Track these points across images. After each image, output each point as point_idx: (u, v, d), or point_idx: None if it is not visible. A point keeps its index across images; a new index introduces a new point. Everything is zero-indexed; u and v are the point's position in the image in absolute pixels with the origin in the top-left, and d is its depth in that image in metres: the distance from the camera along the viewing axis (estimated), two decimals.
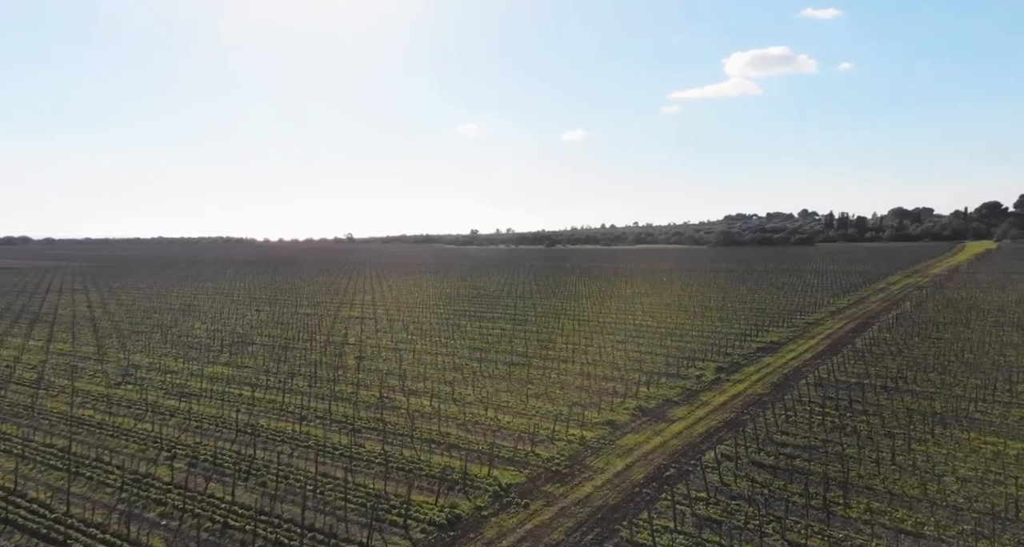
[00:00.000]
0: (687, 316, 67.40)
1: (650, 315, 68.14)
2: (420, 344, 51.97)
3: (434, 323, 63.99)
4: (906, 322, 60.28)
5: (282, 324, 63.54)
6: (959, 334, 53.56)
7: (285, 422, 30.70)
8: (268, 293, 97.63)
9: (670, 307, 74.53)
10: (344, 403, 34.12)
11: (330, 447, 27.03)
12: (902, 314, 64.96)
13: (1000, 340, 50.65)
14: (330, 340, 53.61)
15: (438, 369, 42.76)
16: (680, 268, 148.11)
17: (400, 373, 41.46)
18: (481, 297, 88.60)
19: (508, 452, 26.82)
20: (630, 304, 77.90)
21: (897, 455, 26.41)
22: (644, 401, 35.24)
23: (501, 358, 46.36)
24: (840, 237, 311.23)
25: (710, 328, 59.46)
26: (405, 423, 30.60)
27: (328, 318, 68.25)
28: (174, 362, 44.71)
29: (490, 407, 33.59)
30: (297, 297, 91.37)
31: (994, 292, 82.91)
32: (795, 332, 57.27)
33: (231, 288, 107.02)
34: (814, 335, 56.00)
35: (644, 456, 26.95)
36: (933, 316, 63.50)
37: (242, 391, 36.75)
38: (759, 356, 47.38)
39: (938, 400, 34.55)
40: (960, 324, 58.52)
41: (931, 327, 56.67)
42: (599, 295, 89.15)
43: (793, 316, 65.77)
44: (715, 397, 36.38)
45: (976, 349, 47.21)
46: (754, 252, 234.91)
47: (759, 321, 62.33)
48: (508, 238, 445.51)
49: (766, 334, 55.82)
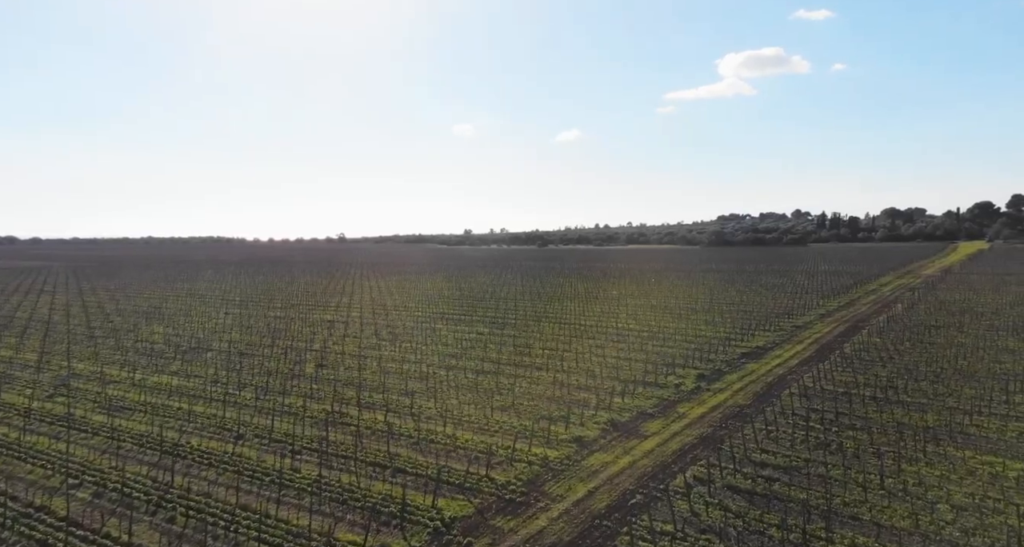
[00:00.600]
0: (672, 319, 65.05)
1: (634, 318, 65.77)
2: (388, 350, 49.37)
3: (409, 327, 61.40)
4: (897, 326, 58.12)
5: (247, 328, 60.80)
6: (952, 339, 51.39)
7: (219, 441, 28.03)
8: (243, 294, 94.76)
9: (655, 309, 72.19)
10: (289, 419, 31.49)
11: (261, 472, 24.43)
12: (893, 317, 62.83)
13: (995, 345, 48.48)
14: (293, 346, 50.94)
15: (401, 378, 40.18)
16: (670, 268, 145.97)
17: (359, 383, 38.88)
18: (463, 299, 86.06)
19: (459, 477, 24.26)
20: (615, 306, 75.52)
21: (886, 477, 24.06)
22: (617, 413, 32.82)
23: (471, 366, 43.83)
24: (832, 237, 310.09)
25: (694, 332, 57.12)
26: (352, 442, 28.03)
27: (298, 321, 65.54)
28: (119, 371, 41.92)
29: (449, 422, 31.06)
30: (272, 299, 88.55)
31: (988, 294, 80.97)
32: (782, 336, 54.99)
33: (207, 289, 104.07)
34: (802, 340, 53.72)
35: (609, 480, 24.48)
36: (925, 319, 61.38)
37: (182, 404, 34.02)
38: (743, 363, 45.03)
39: (930, 412, 32.26)
40: (953, 328, 56.38)
41: (923, 331, 54.49)
42: (584, 296, 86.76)
43: (781, 319, 63.54)
44: (693, 409, 33.97)
45: (970, 355, 45.01)
46: (746, 252, 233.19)
47: (745, 324, 60.04)
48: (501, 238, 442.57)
49: (752, 338, 53.51)
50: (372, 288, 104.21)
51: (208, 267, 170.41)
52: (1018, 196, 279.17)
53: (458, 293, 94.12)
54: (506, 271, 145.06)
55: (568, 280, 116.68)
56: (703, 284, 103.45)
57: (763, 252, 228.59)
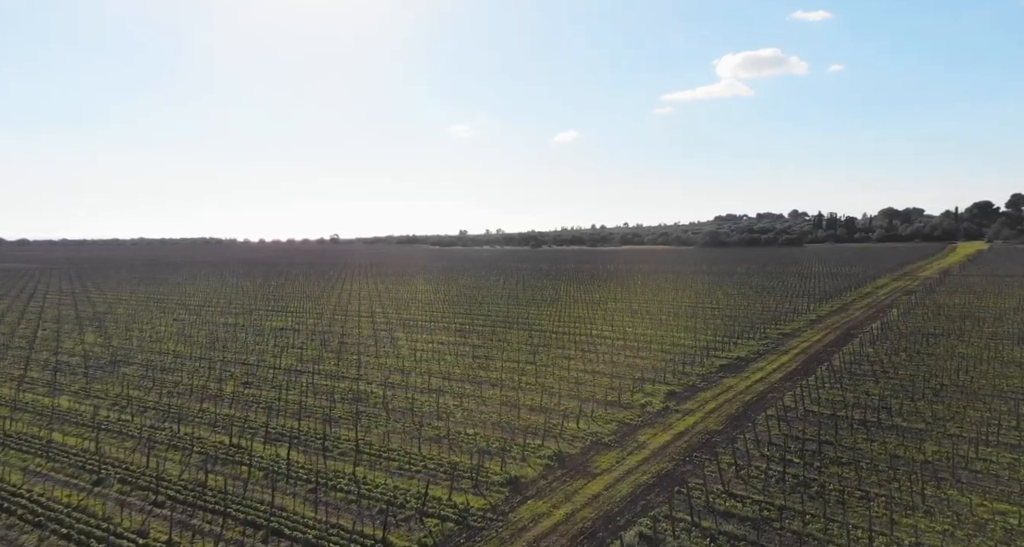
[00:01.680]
0: (651, 325, 60.50)
1: (611, 324, 61.21)
2: (330, 365, 44.72)
3: (365, 336, 56.77)
4: (892, 334, 53.63)
5: (187, 338, 56.09)
6: (952, 349, 46.90)
7: (68, 489, 22.89)
8: (204, 298, 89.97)
9: (636, 314, 67.64)
10: (175, 455, 26.72)
11: (100, 532, 19.78)
12: (888, 324, 58.34)
13: (1000, 357, 43.99)
14: (226, 359, 46.28)
15: (329, 400, 35.54)
16: (659, 270, 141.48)
17: (278, 406, 34.24)
18: (436, 303, 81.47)
19: (342, 543, 19.55)
20: (593, 311, 70.97)
21: (876, 533, 19.53)
22: (568, 443, 28.29)
23: (417, 383, 39.24)
24: (829, 238, 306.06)
25: (673, 340, 52.58)
26: (235, 491, 23.36)
27: (247, 330, 60.86)
28: (8, 391, 37.19)
29: (363, 460, 26.37)
30: (232, 303, 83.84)
31: (989, 297, 76.55)
32: (767, 345, 50.47)
33: (169, 293, 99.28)
34: (788, 349, 49.19)
35: (535, 544, 19.85)
36: (922, 326, 56.89)
37: (50, 434, 29.20)
38: (720, 377, 40.49)
39: (929, 441, 27.74)
40: (953, 336, 51.89)
41: (920, 340, 49.99)
42: (565, 300, 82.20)
43: (768, 326, 59.02)
44: (656, 436, 29.41)
45: (973, 369, 40.52)
46: (740, 253, 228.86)
47: (730, 331, 55.54)
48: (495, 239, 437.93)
49: (734, 348, 48.98)
50: (344, 291, 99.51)
51: (185, 269, 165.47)
52: (1017, 195, 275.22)
53: (433, 297, 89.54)
54: (491, 273, 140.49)
55: (552, 282, 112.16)
56: (691, 286, 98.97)
57: (758, 253, 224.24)
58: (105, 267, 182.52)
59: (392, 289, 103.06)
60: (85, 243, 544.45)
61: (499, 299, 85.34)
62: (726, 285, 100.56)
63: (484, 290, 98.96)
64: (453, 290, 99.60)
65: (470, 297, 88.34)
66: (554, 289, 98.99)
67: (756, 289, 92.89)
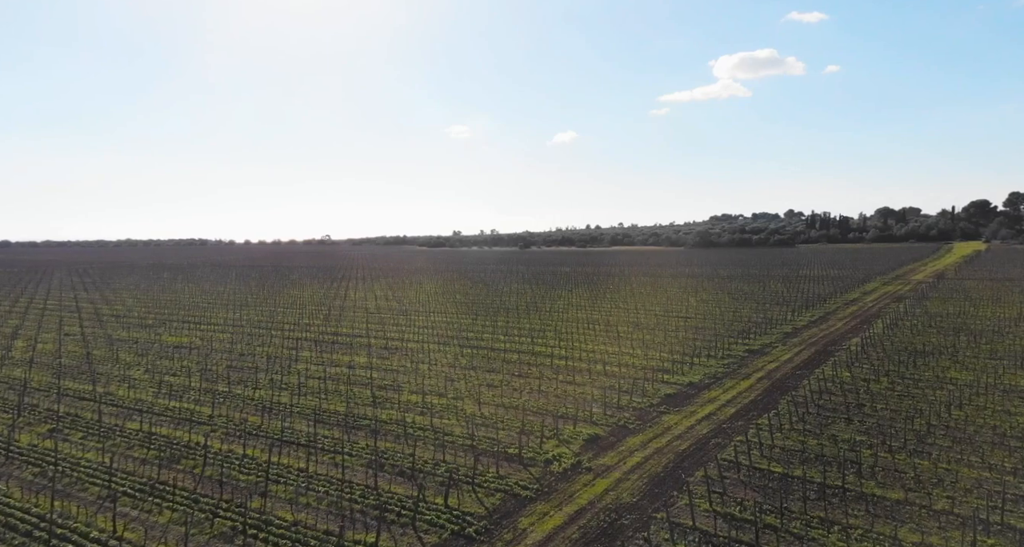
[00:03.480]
0: (605, 340, 53.16)
1: (560, 338, 53.82)
2: (168, 400, 37.22)
3: (259, 360, 49.31)
4: (875, 352, 46.35)
5: (54, 357, 48.55)
6: (943, 373, 39.60)
7: None
8: (126, 306, 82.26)
9: (593, 326, 60.26)
10: None
11: None
12: (871, 339, 51.04)
13: (1000, 384, 36.67)
14: (111, 378, 38.82)
15: (123, 458, 28.08)
16: (640, 272, 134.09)
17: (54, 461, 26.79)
18: (379, 312, 73.99)
19: None
20: (548, 321, 63.58)
21: None
22: (426, 531, 20.87)
23: (305, 410, 31.81)
24: (821, 238, 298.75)
25: (624, 360, 45.24)
26: None
27: (136, 347, 53.33)
28: None
29: None
30: (152, 311, 76.19)
31: (987, 305, 69.31)
32: (728, 366, 43.14)
33: (100, 298, 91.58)
34: (751, 372, 41.84)
35: None
36: (910, 342, 49.60)
37: None
38: (661, 412, 33.15)
39: (910, 524, 20.43)
40: (945, 355, 44.59)
41: (906, 360, 42.66)
42: (521, 309, 74.76)
43: (736, 341, 51.74)
44: (545, 516, 22.00)
45: (968, 401, 33.22)
46: (729, 254, 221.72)
47: (691, 348, 48.25)
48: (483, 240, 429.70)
49: (688, 370, 41.66)
50: (287, 297, 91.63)
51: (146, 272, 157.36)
52: (1016, 194, 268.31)
53: (379, 305, 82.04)
54: (461, 277, 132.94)
55: (522, 287, 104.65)
56: (666, 291, 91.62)
57: (747, 254, 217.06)
58: (63, 270, 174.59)
59: (340, 295, 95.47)
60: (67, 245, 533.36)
61: (449, 308, 77.93)
62: (704, 290, 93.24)
63: (440, 297, 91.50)
64: (408, 298, 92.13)
65: (421, 306, 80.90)
66: (518, 295, 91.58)
67: (734, 295, 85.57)
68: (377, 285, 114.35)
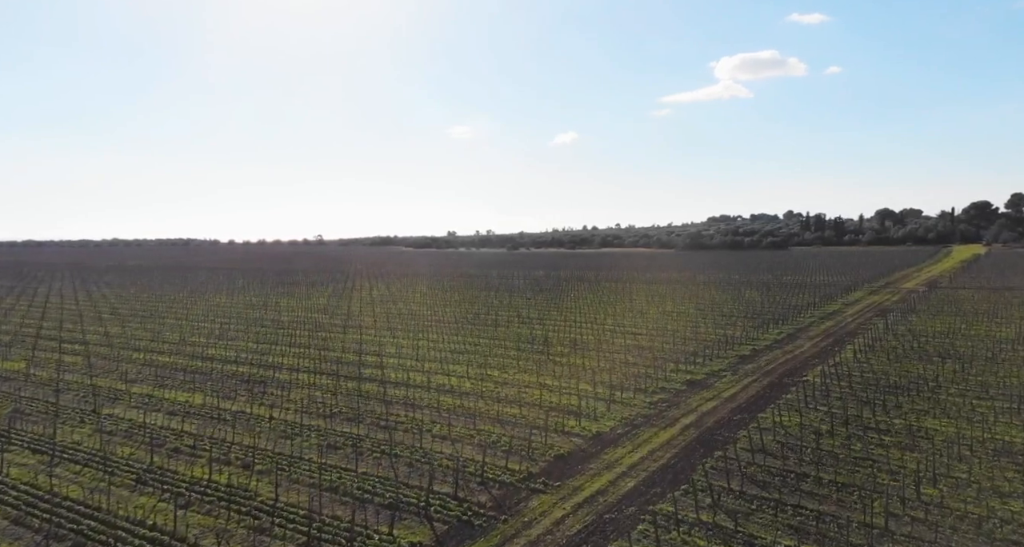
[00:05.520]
0: (527, 366, 44.48)
1: (471, 364, 45.12)
2: None
3: (113, 386, 40.78)
4: (839, 386, 37.70)
5: None
6: (919, 420, 30.97)
7: None
8: (24, 314, 73.71)
9: (524, 346, 51.55)
10: None
11: None
12: (839, 367, 42.38)
13: (989, 439, 27.98)
14: None
15: None
16: (614, 277, 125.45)
17: None
18: (304, 323, 65.40)
19: None
20: (474, 339, 54.96)
21: None
22: None
23: None
24: (816, 240, 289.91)
25: (527, 398, 36.63)
26: None
27: None
28: None
29: None
30: (45, 325, 67.66)
31: (982, 322, 60.58)
32: (655, 407, 34.53)
33: (26, 303, 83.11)
34: (679, 416, 33.16)
35: None
36: (885, 372, 40.93)
37: None
38: (529, 494, 24.47)
39: None
40: (924, 392, 35.92)
41: (875, 399, 33.98)
42: (457, 322, 66.13)
43: (679, 368, 43.14)
44: None
45: (945, 471, 24.58)
46: (718, 257, 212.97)
47: (620, 378, 39.69)
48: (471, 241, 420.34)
49: (603, 415, 33.03)
50: (204, 306, 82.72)
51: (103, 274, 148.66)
52: (1018, 195, 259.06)
53: (314, 315, 73.42)
54: (425, 281, 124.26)
55: (476, 294, 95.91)
56: (628, 301, 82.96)
57: (736, 257, 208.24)
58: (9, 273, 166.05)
59: (267, 304, 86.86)
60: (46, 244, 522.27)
61: (390, 318, 69.35)
62: (671, 299, 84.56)
63: (392, 304, 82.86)
64: (351, 304, 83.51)
65: (349, 320, 72.33)
66: (467, 304, 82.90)
67: (701, 306, 76.88)
68: (329, 289, 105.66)
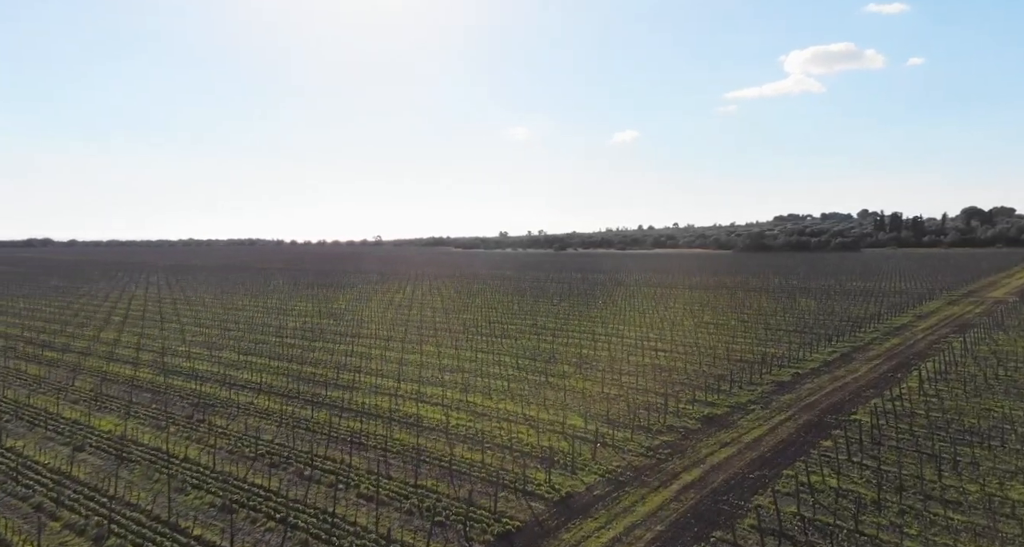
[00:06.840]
0: (522, 388, 38.14)
1: (450, 390, 39.20)
2: None
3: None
4: (898, 428, 29.55)
5: None
6: (1003, 486, 22.82)
7: None
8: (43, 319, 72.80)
9: (529, 363, 45.18)
10: None
11: None
12: (900, 401, 33.97)
13: None
14: None
15: None
16: (656, 281, 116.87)
17: None
18: (306, 331, 61.25)
19: None
20: (480, 349, 48.98)
21: None
22: None
23: None
24: (891, 241, 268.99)
25: (517, 434, 30.30)
26: None
27: None
28: None
29: None
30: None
31: None
32: (655, 455, 27.53)
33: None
34: (681, 469, 26.05)
35: None
36: (959, 411, 32.32)
37: None
38: None
39: None
40: (1010, 446, 27.41)
41: (944, 452, 25.85)
42: (479, 330, 60.38)
43: (700, 396, 35.86)
44: None
45: None
46: (780, 259, 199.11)
47: (626, 410, 32.91)
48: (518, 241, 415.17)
49: (586, 465, 26.34)
50: (219, 308, 79.93)
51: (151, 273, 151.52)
52: None
53: (307, 322, 69.34)
54: (456, 283, 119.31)
55: (511, 298, 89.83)
56: (664, 310, 75.10)
57: (799, 259, 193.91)
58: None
59: (277, 305, 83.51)
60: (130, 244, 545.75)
61: (403, 329, 64.43)
62: (711, 308, 76.12)
63: (410, 309, 78.10)
64: (365, 309, 79.20)
65: (361, 323, 67.83)
66: (482, 310, 77.07)
67: (745, 317, 68.28)
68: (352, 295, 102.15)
